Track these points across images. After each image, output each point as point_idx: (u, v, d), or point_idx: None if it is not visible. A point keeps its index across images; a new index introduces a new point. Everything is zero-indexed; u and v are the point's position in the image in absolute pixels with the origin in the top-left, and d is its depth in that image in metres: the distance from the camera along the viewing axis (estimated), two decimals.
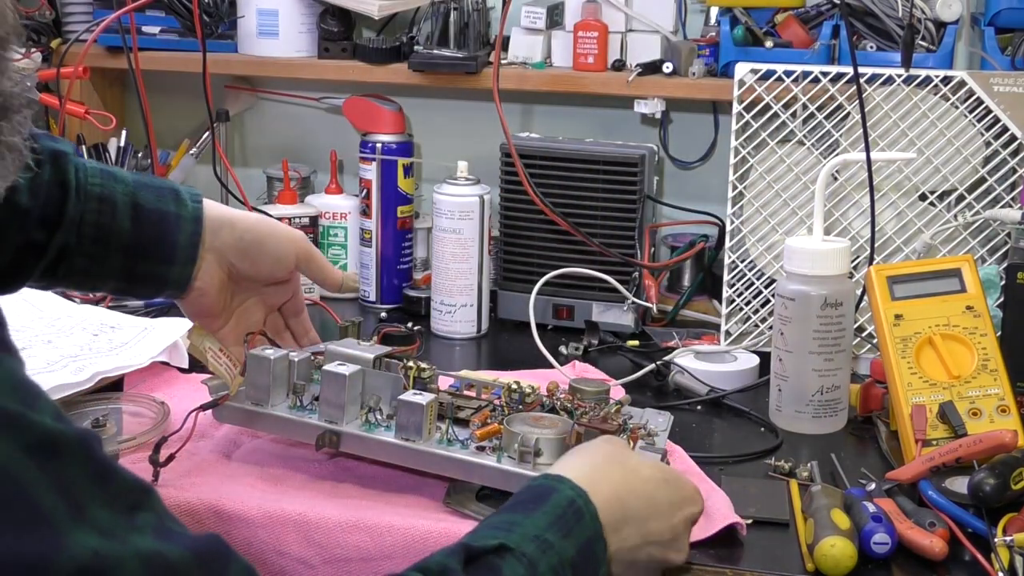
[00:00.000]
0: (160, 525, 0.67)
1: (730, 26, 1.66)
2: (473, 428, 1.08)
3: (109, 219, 1.08)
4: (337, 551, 1.02)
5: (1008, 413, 1.18)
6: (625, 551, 0.92)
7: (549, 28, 1.79)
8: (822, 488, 1.09)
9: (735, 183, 1.53)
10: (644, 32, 1.76)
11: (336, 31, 1.84)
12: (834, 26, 1.64)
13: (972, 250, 1.47)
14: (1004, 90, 1.46)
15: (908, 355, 1.22)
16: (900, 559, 1.03)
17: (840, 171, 1.48)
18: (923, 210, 1.50)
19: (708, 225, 1.77)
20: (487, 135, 1.74)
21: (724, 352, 1.49)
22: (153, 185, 1.12)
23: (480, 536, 0.84)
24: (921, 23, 1.57)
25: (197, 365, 1.33)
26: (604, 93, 1.76)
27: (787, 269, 1.32)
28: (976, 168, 1.48)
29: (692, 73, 1.69)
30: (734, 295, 1.54)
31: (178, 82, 1.89)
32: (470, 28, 1.76)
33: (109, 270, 1.10)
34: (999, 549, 1.00)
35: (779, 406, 1.32)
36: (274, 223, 1.20)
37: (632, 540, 0.93)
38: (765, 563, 1.03)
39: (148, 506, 0.67)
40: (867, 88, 1.46)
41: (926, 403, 1.19)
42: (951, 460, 1.09)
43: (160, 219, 1.10)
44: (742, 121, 1.50)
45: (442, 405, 1.10)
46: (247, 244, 1.14)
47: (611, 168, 1.62)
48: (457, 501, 1.08)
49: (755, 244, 1.54)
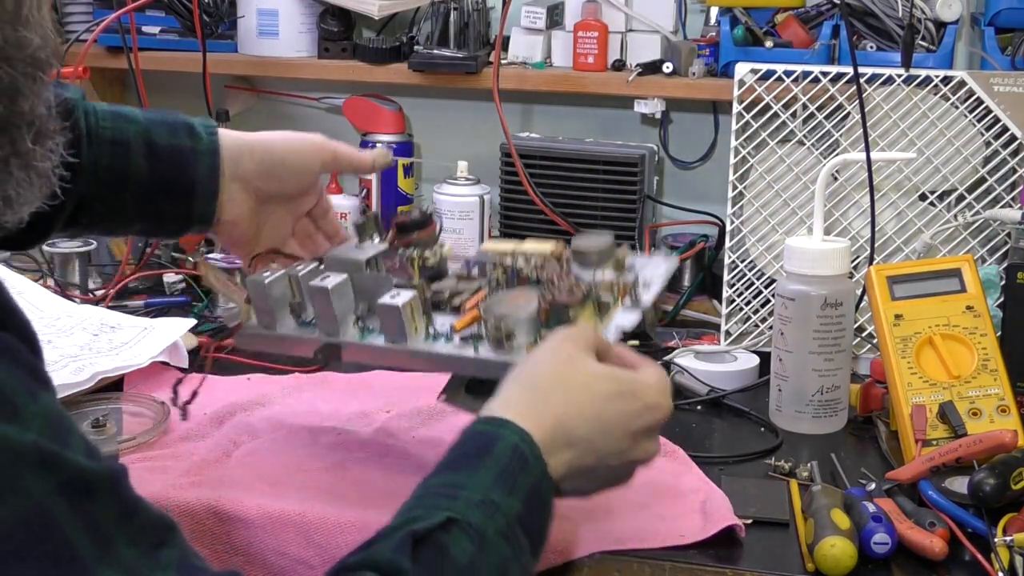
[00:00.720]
0: (183, 561, 0.68)
1: (730, 26, 1.66)
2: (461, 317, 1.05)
3: (123, 162, 1.06)
4: (337, 552, 1.02)
5: (1008, 413, 1.18)
6: (577, 472, 0.90)
7: (549, 28, 1.79)
8: (822, 488, 1.09)
9: (735, 183, 1.53)
10: (644, 32, 1.76)
11: (336, 31, 1.84)
12: (834, 26, 1.64)
13: (972, 250, 1.47)
14: (1004, 90, 1.46)
15: (908, 355, 1.22)
16: (900, 559, 1.03)
17: (840, 171, 1.48)
18: (923, 210, 1.50)
19: (708, 225, 1.77)
20: (487, 135, 1.74)
21: (724, 352, 1.49)
22: (166, 121, 1.10)
23: (426, 508, 0.82)
24: (921, 23, 1.57)
25: (196, 364, 1.33)
26: (604, 93, 1.76)
27: (787, 269, 1.32)
28: (976, 168, 1.48)
29: (692, 73, 1.69)
30: (734, 295, 1.54)
31: (178, 82, 1.89)
32: (470, 28, 1.76)
33: (132, 213, 1.08)
34: (999, 549, 1.00)
35: (779, 406, 1.32)
36: (290, 136, 1.17)
37: (584, 461, 0.90)
38: (765, 563, 1.03)
39: (172, 543, 0.68)
40: (867, 88, 1.46)
41: (926, 403, 1.19)
42: (951, 460, 1.09)
43: (176, 155, 1.08)
44: (742, 121, 1.50)
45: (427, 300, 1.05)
46: (269, 166, 1.12)
47: (611, 168, 1.62)
48: (451, 396, 1.06)
49: (755, 244, 1.54)
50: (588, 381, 0.92)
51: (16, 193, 0.74)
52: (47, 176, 0.75)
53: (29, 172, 0.74)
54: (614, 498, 1.10)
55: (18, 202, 0.75)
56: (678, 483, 1.14)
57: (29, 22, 0.72)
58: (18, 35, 0.71)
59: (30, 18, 0.72)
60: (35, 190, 0.75)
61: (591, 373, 0.93)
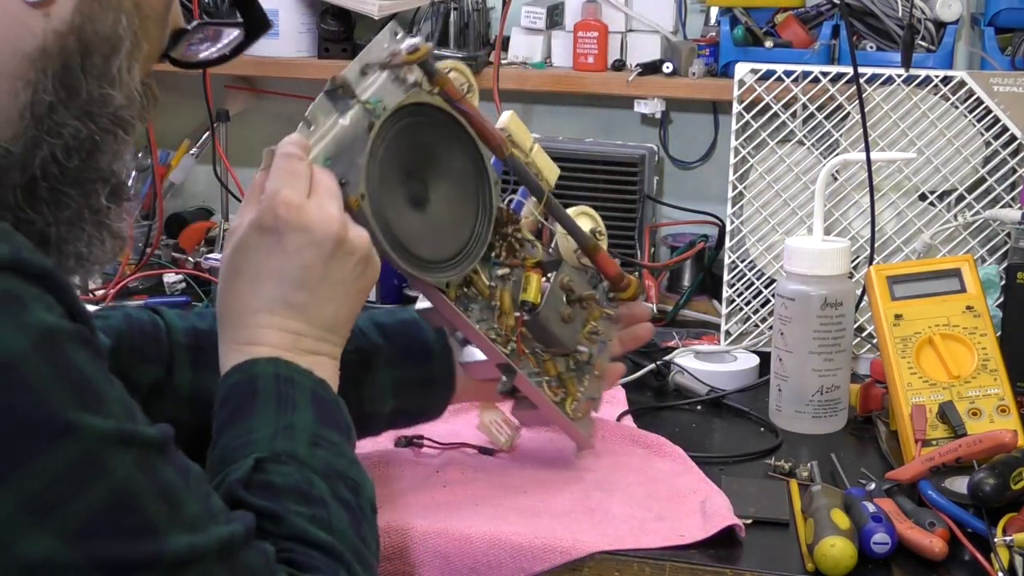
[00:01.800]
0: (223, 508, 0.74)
1: (730, 26, 1.66)
2: None
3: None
4: None
5: (1008, 413, 1.18)
6: (320, 320, 0.89)
7: (549, 28, 1.79)
8: (822, 488, 1.09)
9: (735, 183, 1.53)
10: (644, 32, 1.76)
11: (336, 31, 1.84)
12: (834, 26, 1.64)
13: (972, 250, 1.47)
14: (1004, 90, 1.46)
15: (908, 355, 1.22)
16: (900, 559, 1.03)
17: (840, 171, 1.48)
18: (923, 210, 1.50)
19: (708, 225, 1.77)
20: None
21: (724, 352, 1.49)
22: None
23: (232, 464, 0.82)
24: (921, 23, 1.57)
25: None
26: (604, 93, 1.76)
27: (787, 269, 1.32)
28: (976, 168, 1.48)
29: (692, 73, 1.69)
30: (734, 295, 1.54)
31: (178, 82, 1.89)
32: (470, 28, 1.76)
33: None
34: (999, 549, 1.00)
35: (779, 406, 1.32)
36: None
37: (319, 310, 0.89)
38: (765, 563, 1.03)
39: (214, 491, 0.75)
40: (867, 88, 1.46)
41: (926, 403, 1.19)
42: (951, 460, 1.09)
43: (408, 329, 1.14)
44: (742, 121, 1.50)
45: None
46: None
47: (611, 168, 1.62)
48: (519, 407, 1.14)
49: (755, 244, 1.54)
50: (263, 264, 0.88)
51: (87, 251, 0.76)
52: (122, 238, 0.76)
53: (102, 230, 0.76)
54: (614, 499, 1.10)
55: (89, 260, 0.76)
56: (678, 483, 1.14)
57: (116, 81, 0.73)
58: (103, 92, 0.73)
59: (118, 78, 0.73)
60: (107, 250, 0.76)
61: (281, 246, 0.88)
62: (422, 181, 1.02)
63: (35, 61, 0.71)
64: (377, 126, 0.96)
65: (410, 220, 1.00)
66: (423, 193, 1.02)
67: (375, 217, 0.95)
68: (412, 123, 1.00)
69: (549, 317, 1.09)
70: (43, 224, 0.74)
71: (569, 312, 1.11)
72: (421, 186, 1.02)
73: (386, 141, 0.97)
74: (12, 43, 0.70)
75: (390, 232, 0.97)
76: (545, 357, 1.11)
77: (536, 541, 1.02)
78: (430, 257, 1.01)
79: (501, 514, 1.06)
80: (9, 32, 0.70)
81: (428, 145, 1.02)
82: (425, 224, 1.01)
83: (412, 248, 0.99)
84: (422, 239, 1.00)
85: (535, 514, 1.07)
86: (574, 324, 1.12)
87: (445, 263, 1.02)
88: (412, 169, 1.01)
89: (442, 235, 1.03)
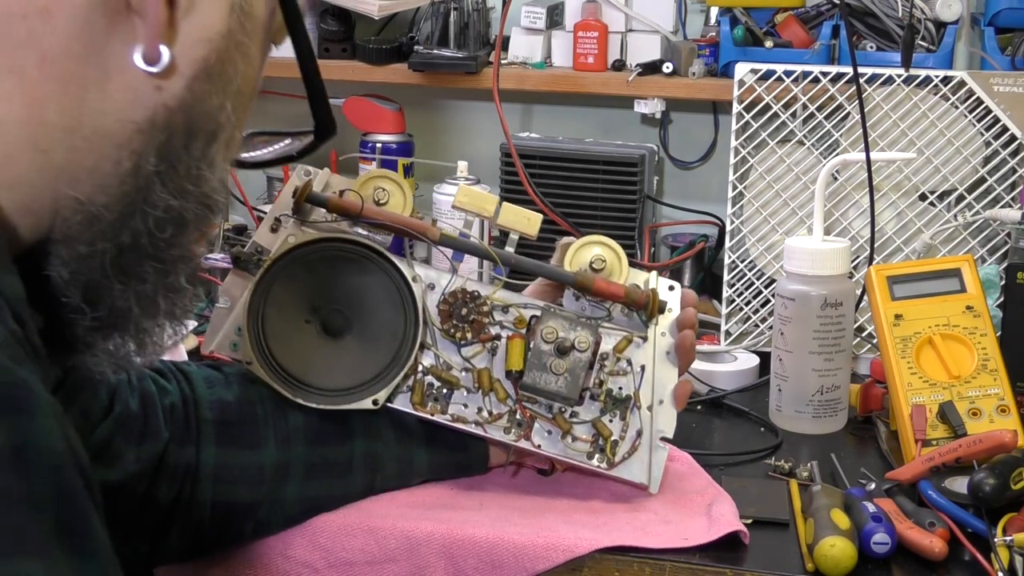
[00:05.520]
0: None
1: (730, 26, 1.66)
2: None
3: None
4: (341, 554, 1.02)
5: (1008, 413, 1.18)
6: None
7: (549, 28, 1.79)
8: (822, 488, 1.10)
9: (735, 183, 1.53)
10: (644, 32, 1.77)
11: (336, 31, 1.84)
12: (834, 26, 1.64)
13: (972, 250, 1.47)
14: (1004, 90, 1.46)
15: (908, 355, 1.22)
16: (900, 559, 1.03)
17: (840, 171, 1.48)
18: (923, 210, 1.50)
19: (708, 225, 1.77)
20: (487, 135, 1.74)
21: (724, 352, 1.49)
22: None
23: None
24: (921, 23, 1.58)
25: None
26: (604, 93, 1.76)
27: (787, 269, 1.32)
28: (976, 168, 1.48)
29: (692, 73, 1.70)
30: (734, 295, 1.54)
31: None
32: (470, 28, 1.77)
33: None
34: (999, 549, 1.00)
35: (779, 406, 1.32)
36: None
37: None
38: (765, 563, 1.03)
39: None
40: (867, 88, 1.46)
41: (926, 403, 1.19)
42: (951, 460, 1.09)
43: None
44: (742, 121, 1.50)
45: None
46: None
47: (611, 168, 1.62)
48: None
49: (755, 244, 1.54)
50: None
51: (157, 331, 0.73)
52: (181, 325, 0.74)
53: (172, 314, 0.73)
54: (618, 500, 1.10)
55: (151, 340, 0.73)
56: (683, 486, 1.13)
57: (214, 164, 0.73)
58: (200, 173, 0.72)
59: (215, 161, 0.73)
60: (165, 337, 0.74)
61: None
62: (336, 311, 1.05)
63: (143, 132, 0.69)
64: (250, 289, 1.01)
65: (324, 355, 1.04)
66: (342, 322, 1.05)
67: (271, 374, 1.02)
68: (305, 262, 1.03)
69: (536, 378, 1.05)
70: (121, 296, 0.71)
71: (562, 363, 1.05)
72: (339, 316, 1.05)
73: (267, 295, 1.02)
74: (124, 111, 0.68)
75: (296, 381, 1.03)
76: (555, 413, 1.08)
77: (539, 540, 1.02)
78: (350, 384, 1.04)
79: (505, 515, 1.06)
80: (123, 99, 0.69)
81: (324, 278, 1.04)
82: (346, 351, 1.05)
83: (326, 383, 1.03)
84: (336, 369, 1.04)
85: (538, 514, 1.07)
86: (574, 372, 1.05)
87: (371, 381, 1.04)
88: (318, 304, 1.04)
89: (365, 355, 1.05)
